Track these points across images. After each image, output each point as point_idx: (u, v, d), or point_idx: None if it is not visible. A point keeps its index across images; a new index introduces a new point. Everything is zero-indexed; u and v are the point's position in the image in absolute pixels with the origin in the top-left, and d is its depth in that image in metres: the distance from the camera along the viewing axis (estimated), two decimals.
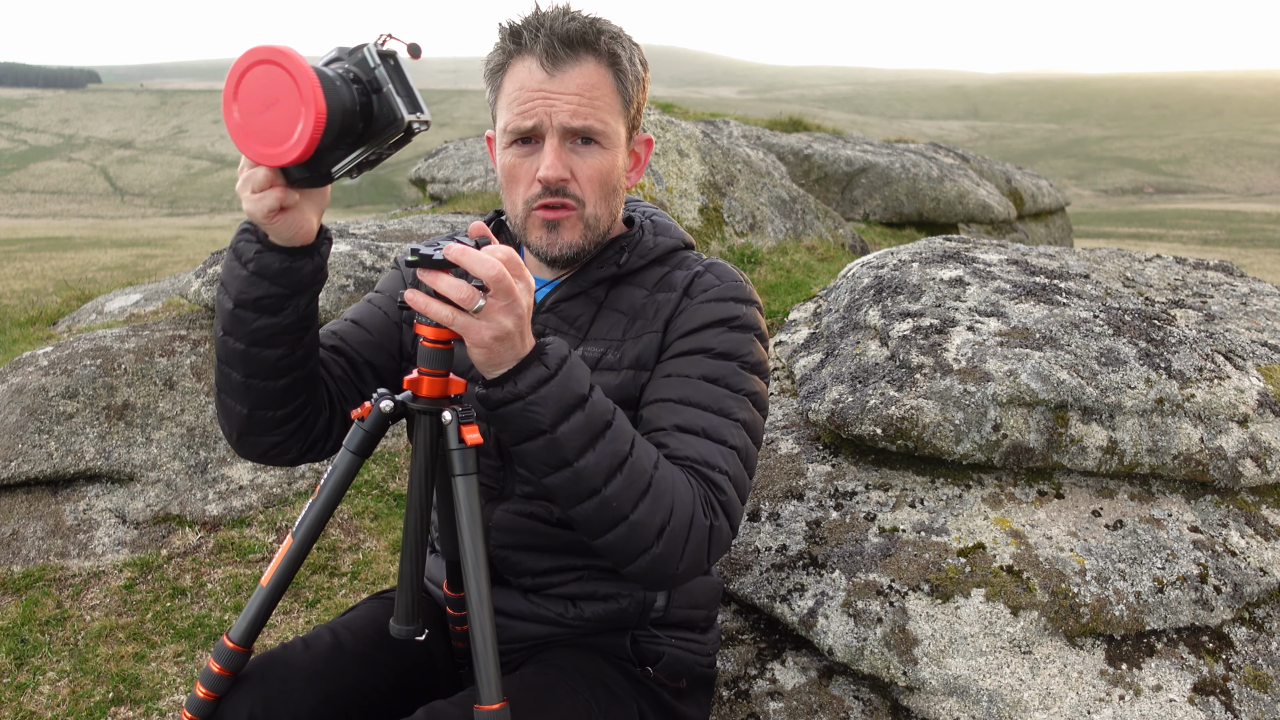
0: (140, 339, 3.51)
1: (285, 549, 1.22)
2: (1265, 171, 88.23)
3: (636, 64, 1.37)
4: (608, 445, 1.16)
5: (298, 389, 1.33)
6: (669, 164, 5.65)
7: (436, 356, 1.15)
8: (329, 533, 2.99)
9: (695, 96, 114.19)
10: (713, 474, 1.27)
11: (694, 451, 1.28)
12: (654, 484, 1.19)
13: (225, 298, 1.26)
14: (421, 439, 1.17)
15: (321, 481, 1.21)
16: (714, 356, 1.36)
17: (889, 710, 1.77)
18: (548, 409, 1.12)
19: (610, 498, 1.17)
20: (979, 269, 2.41)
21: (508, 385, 1.12)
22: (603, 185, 1.36)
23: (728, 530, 1.28)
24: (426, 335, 1.13)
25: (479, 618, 1.13)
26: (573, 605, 1.46)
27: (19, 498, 2.99)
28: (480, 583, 1.14)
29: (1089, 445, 1.94)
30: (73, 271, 9.24)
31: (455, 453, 1.16)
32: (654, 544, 1.20)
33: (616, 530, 1.19)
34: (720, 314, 1.39)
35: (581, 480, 1.16)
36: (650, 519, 1.19)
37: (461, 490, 1.15)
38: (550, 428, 1.13)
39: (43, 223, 42.33)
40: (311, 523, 1.21)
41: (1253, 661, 1.77)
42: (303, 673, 1.34)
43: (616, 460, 1.17)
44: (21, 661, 2.41)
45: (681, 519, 1.21)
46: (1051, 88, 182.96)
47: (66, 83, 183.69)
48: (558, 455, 1.15)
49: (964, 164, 9.64)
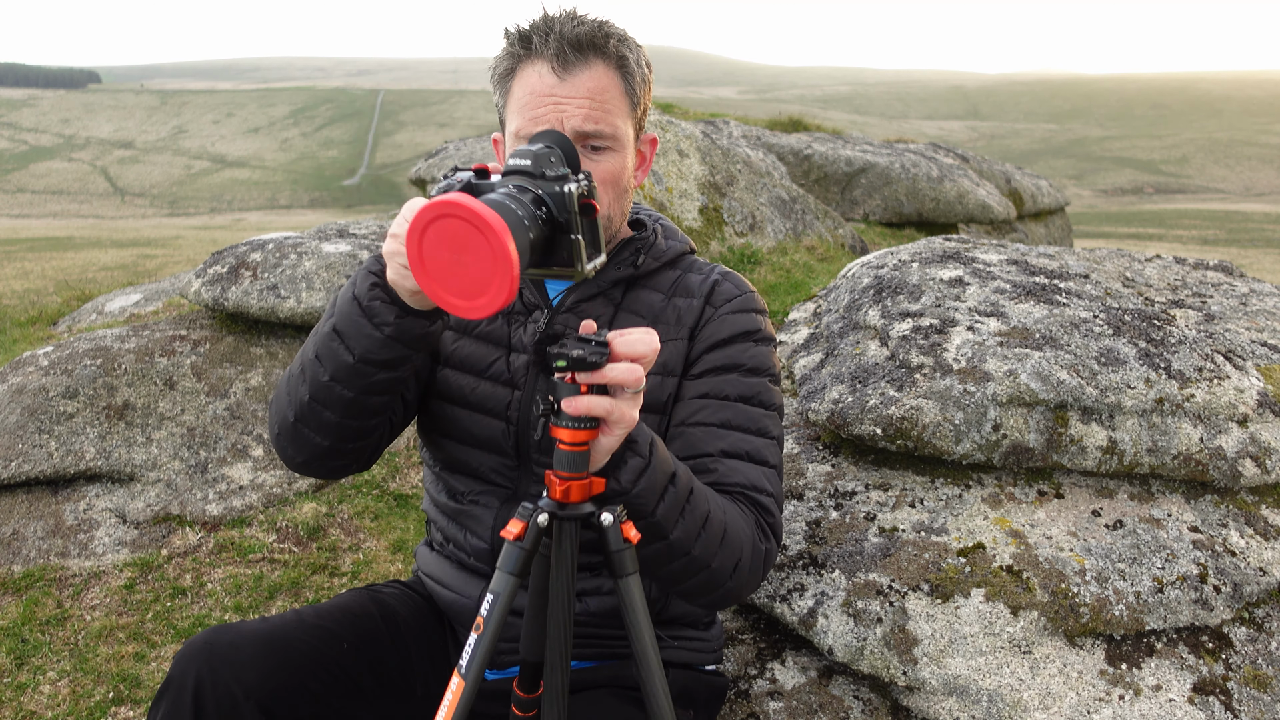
0: (140, 339, 3.51)
1: (457, 693, 1.12)
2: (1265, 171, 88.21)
3: (643, 65, 1.39)
4: (692, 511, 1.22)
5: (383, 421, 1.37)
6: (669, 164, 5.65)
7: (578, 460, 1.12)
8: (329, 532, 2.99)
9: (695, 96, 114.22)
10: (761, 498, 1.34)
11: (742, 478, 1.34)
12: (727, 530, 1.27)
13: (343, 350, 1.23)
14: (568, 545, 1.14)
15: (485, 613, 1.12)
16: (746, 373, 1.41)
17: (889, 710, 1.77)
18: (649, 498, 1.17)
19: (697, 556, 1.23)
20: (979, 269, 2.41)
21: (610, 484, 1.14)
22: (614, 187, 1.38)
23: (776, 550, 1.36)
24: (564, 439, 1.10)
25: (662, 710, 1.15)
26: (578, 601, 1.46)
27: (19, 498, 2.99)
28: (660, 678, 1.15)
29: (1089, 445, 1.94)
30: (73, 271, 9.24)
31: (618, 554, 1.14)
32: (729, 580, 1.28)
33: (698, 578, 1.26)
34: (745, 326, 1.44)
35: (675, 550, 1.22)
36: (727, 563, 1.27)
37: (631, 590, 1.14)
38: (651, 513, 1.17)
39: (43, 223, 42.33)
40: (481, 659, 1.12)
41: (1252, 661, 1.77)
42: (254, 639, 1.30)
43: (700, 522, 1.23)
44: (21, 661, 2.41)
45: (747, 553, 1.29)
46: (1051, 88, 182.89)
47: (66, 83, 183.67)
48: (656, 534, 1.20)
49: (964, 164, 9.64)
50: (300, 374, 1.31)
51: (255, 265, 3.74)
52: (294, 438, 1.34)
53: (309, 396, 1.29)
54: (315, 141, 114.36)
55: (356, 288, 1.22)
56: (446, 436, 1.48)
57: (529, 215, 1.04)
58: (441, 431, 1.49)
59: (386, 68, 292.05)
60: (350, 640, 1.40)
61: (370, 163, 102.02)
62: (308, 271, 3.67)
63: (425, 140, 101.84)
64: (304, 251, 3.79)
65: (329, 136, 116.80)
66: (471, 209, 0.94)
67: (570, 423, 1.09)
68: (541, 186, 1.07)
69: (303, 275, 3.66)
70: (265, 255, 3.80)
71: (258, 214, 64.53)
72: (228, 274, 3.74)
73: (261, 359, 3.59)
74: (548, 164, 1.09)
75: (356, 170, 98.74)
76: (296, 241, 3.93)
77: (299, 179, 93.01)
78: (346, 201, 77.96)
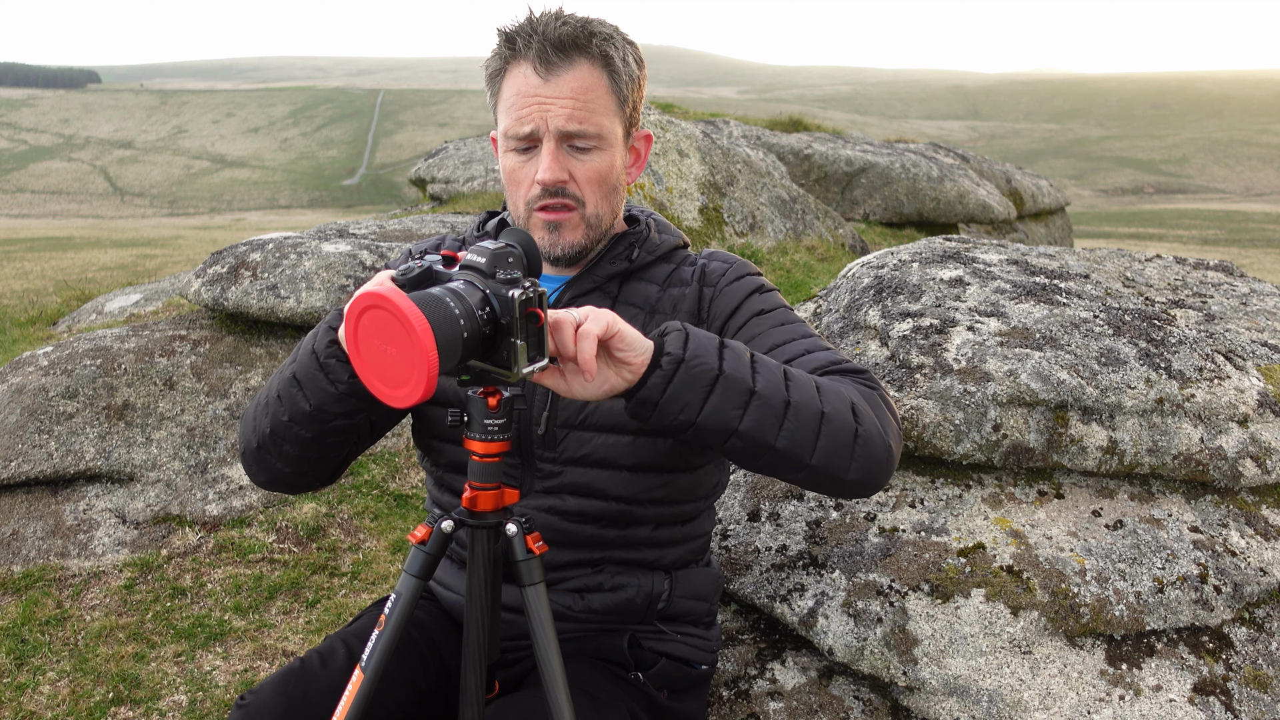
0: (140, 339, 3.51)
1: (356, 684, 1.17)
2: (1265, 171, 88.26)
3: (630, 63, 1.39)
4: (763, 364, 1.21)
5: (346, 448, 1.39)
6: (669, 164, 5.65)
7: (490, 470, 1.15)
8: (329, 532, 2.99)
9: (695, 96, 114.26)
10: (843, 365, 1.33)
11: (817, 361, 1.33)
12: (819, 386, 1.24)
13: (301, 398, 1.27)
14: (481, 553, 1.17)
15: (386, 611, 1.17)
16: (766, 314, 1.43)
17: (889, 710, 1.77)
18: (705, 354, 1.17)
19: (798, 403, 1.20)
20: (979, 269, 2.41)
21: (663, 359, 1.14)
22: (602, 185, 1.40)
23: (888, 398, 1.32)
24: (478, 451, 1.14)
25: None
26: (580, 598, 1.46)
27: (19, 498, 2.99)
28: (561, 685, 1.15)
29: (1089, 445, 1.94)
30: (73, 271, 9.24)
31: (523, 563, 1.16)
32: (856, 423, 1.22)
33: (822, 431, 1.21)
34: (748, 287, 1.47)
35: (769, 400, 1.19)
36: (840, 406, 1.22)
37: (534, 599, 1.16)
38: (719, 368, 1.17)
39: (43, 223, 42.34)
40: (381, 655, 1.16)
41: (1253, 661, 1.77)
42: (322, 687, 1.34)
43: (778, 373, 1.21)
44: (21, 661, 2.41)
45: (856, 397, 1.25)
46: (1051, 88, 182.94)
47: (66, 83, 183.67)
48: (739, 387, 1.18)
49: (964, 164, 9.65)
50: (264, 406, 1.36)
51: (255, 265, 3.74)
52: (257, 460, 1.40)
53: (270, 430, 1.34)
54: (315, 141, 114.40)
55: (316, 342, 1.27)
56: (445, 440, 1.48)
57: (466, 313, 1.04)
58: (439, 435, 1.49)
59: (386, 67, 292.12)
60: (400, 671, 1.45)
61: (370, 163, 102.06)
62: (308, 271, 3.67)
63: (425, 140, 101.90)
64: (304, 251, 3.79)
65: (329, 136, 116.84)
66: (397, 305, 0.96)
67: (481, 434, 1.13)
68: (490, 286, 1.08)
69: (303, 275, 3.66)
70: (265, 255, 3.80)
71: (257, 214, 64.55)
72: (227, 274, 3.74)
73: (261, 359, 3.59)
74: (504, 264, 1.09)
75: (356, 170, 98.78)
76: (296, 241, 3.93)
77: (299, 179, 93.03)
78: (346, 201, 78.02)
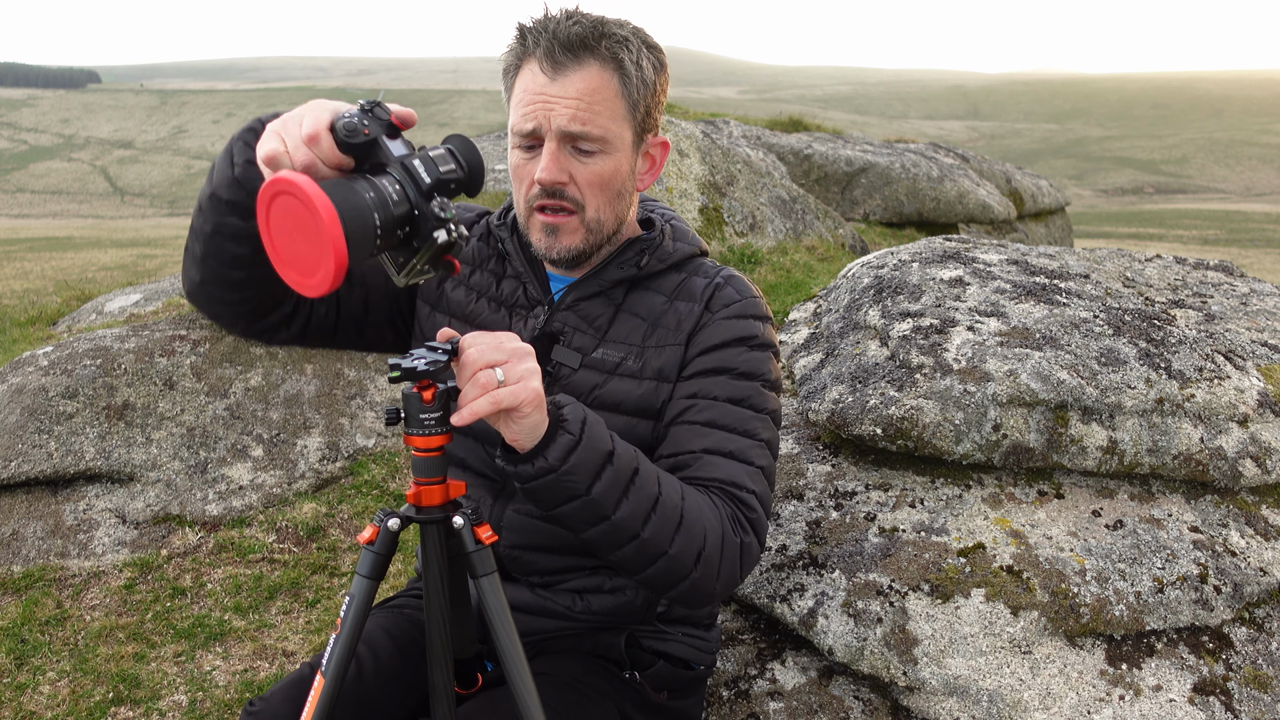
0: (140, 339, 3.51)
1: (318, 689, 1.16)
2: (1265, 171, 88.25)
3: (645, 66, 1.35)
4: (639, 492, 1.19)
5: (250, 285, 1.30)
6: (669, 164, 5.65)
7: (432, 465, 1.14)
8: (329, 532, 2.99)
9: (695, 96, 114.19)
10: (740, 494, 1.31)
11: (721, 473, 1.32)
12: (685, 516, 1.23)
13: (207, 181, 1.24)
14: (432, 547, 1.16)
15: (342, 613, 1.16)
16: (737, 377, 1.38)
17: (889, 710, 1.77)
18: (581, 475, 1.15)
19: (648, 540, 1.20)
20: (979, 269, 2.41)
21: (538, 460, 1.13)
22: (604, 190, 1.36)
23: (757, 546, 1.32)
24: (418, 446, 1.12)
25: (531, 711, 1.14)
26: (580, 599, 1.46)
27: (19, 498, 2.99)
28: (524, 676, 1.14)
29: (1089, 445, 1.94)
30: (73, 271, 9.24)
31: (474, 555, 1.15)
32: (692, 571, 1.24)
33: (656, 565, 1.23)
34: (741, 332, 1.41)
35: (620, 530, 1.19)
36: (688, 549, 1.23)
37: (487, 590, 1.15)
38: (586, 491, 1.16)
39: (43, 223, 42.33)
40: (340, 658, 1.15)
41: (1253, 661, 1.77)
42: (344, 701, 1.33)
43: (649, 504, 1.20)
44: (21, 661, 2.41)
45: (714, 542, 1.25)
46: (1051, 88, 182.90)
47: (66, 83, 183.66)
48: (595, 513, 1.17)
49: (964, 164, 9.65)
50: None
51: None
52: (183, 268, 1.35)
53: (191, 224, 1.30)
54: None
55: (239, 130, 1.23)
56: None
57: (381, 202, 0.99)
58: None
59: (386, 68, 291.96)
60: (408, 676, 1.44)
61: None
62: None
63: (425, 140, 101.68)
64: None
65: None
66: (305, 192, 0.93)
67: (419, 429, 1.10)
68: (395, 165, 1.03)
69: None
70: None
71: None
72: None
73: (261, 359, 3.59)
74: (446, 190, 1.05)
75: None
76: None
77: None
78: None
